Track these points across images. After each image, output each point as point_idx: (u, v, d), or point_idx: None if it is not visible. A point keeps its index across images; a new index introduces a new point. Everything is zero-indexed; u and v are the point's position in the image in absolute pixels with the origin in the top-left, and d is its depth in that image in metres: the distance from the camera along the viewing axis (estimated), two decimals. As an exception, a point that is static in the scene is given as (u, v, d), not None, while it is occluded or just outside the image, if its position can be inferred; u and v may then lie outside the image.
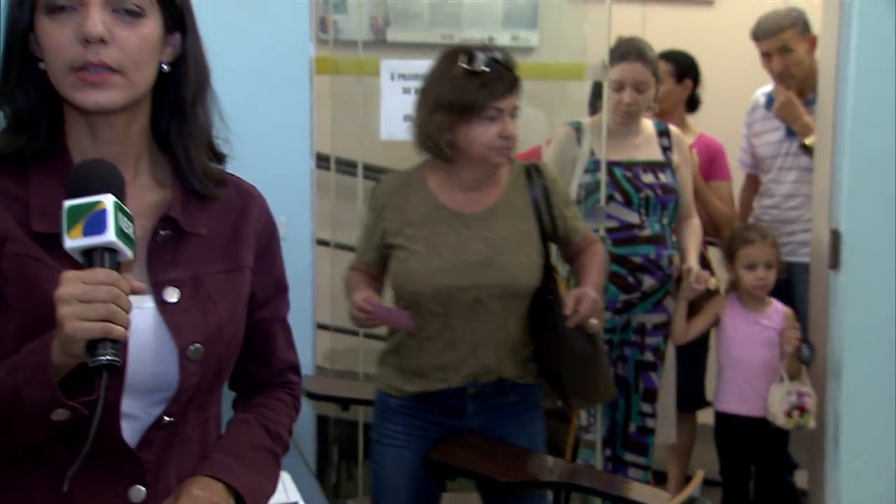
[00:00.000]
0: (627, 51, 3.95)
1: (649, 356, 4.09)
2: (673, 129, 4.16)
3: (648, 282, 3.99)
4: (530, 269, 2.95)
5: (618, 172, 3.98)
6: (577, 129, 4.07)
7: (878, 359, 3.86)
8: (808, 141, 4.31)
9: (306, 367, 3.75)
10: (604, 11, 4.29)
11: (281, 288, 1.80)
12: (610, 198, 3.94)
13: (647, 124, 4.11)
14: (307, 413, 3.78)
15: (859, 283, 3.85)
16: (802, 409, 3.92)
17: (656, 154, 4.06)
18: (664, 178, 4.01)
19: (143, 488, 1.57)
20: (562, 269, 3.24)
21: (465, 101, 2.82)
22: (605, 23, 4.24)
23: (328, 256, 4.58)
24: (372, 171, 5.09)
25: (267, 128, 3.43)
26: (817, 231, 4.04)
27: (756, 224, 4.45)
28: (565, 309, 2.86)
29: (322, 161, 4.18)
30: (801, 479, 4.51)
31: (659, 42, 4.34)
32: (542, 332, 3.01)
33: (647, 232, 3.95)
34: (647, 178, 3.99)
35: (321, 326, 4.31)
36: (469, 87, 2.81)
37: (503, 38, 5.36)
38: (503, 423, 3.03)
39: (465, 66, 2.82)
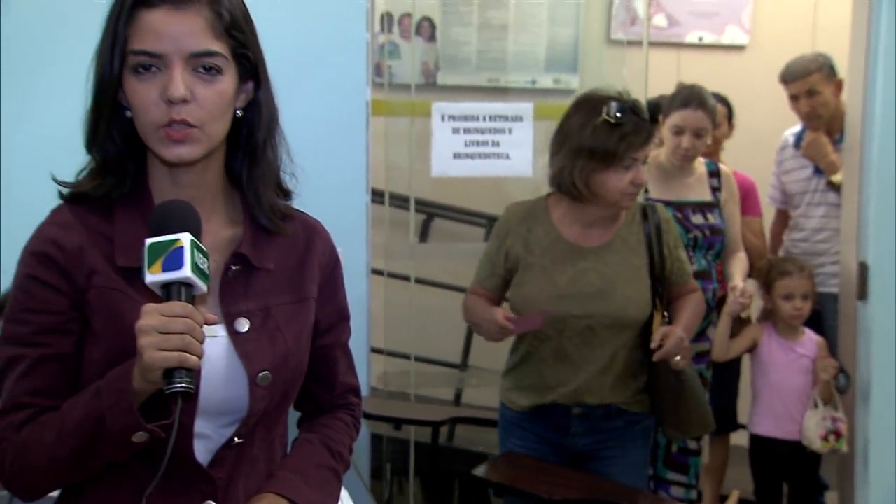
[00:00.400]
0: (690, 98, 3.88)
1: None
2: (723, 168, 4.11)
3: None
4: (640, 302, 2.99)
5: (668, 212, 3.93)
6: None
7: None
8: (834, 178, 4.28)
9: (361, 388, 3.76)
10: (641, 56, 4.30)
11: (343, 316, 1.81)
12: None
13: (699, 164, 4.05)
14: (362, 432, 3.74)
15: (886, 313, 3.80)
16: (838, 434, 3.86)
17: (706, 194, 4.00)
18: (712, 218, 3.97)
19: (213, 503, 1.58)
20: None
21: (605, 151, 2.85)
22: (642, 66, 4.25)
23: (382, 285, 4.57)
24: (423, 206, 5.12)
25: (327, 165, 3.44)
26: (845, 263, 4.01)
27: (794, 257, 4.39)
28: (651, 343, 2.90)
29: (377, 196, 4.19)
30: (831, 500, 4.45)
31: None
32: (648, 364, 3.05)
33: (693, 268, 3.80)
34: (697, 218, 3.94)
35: (375, 350, 4.29)
36: (610, 138, 2.85)
37: (545, 82, 5.36)
38: (608, 445, 3.06)
39: (607, 117, 2.85)
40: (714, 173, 4.05)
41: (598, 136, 2.86)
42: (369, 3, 3.71)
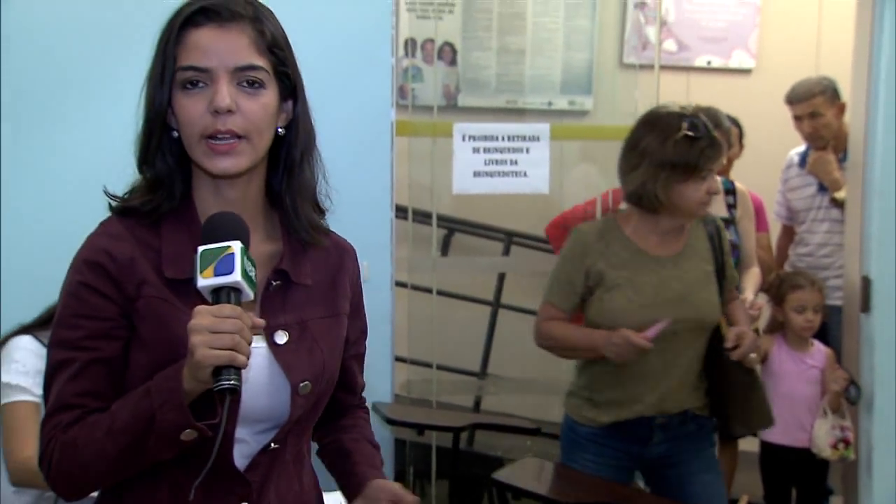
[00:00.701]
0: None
1: None
2: (739, 186, 4.04)
3: None
4: (715, 305, 3.02)
5: None
6: None
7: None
8: (838, 195, 4.25)
9: (386, 395, 3.78)
10: (652, 79, 4.29)
11: (364, 330, 1.84)
12: None
13: (716, 183, 4.00)
14: (386, 437, 3.77)
15: (888, 325, 3.78)
16: (846, 442, 3.82)
17: (722, 212, 3.88)
18: (727, 235, 3.87)
19: None
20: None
21: (686, 164, 2.87)
22: (653, 89, 4.24)
23: (405, 297, 4.58)
24: (444, 221, 5.12)
25: (353, 183, 3.40)
26: (849, 277, 3.99)
27: (804, 271, 4.33)
28: (727, 342, 2.91)
29: (401, 212, 4.19)
30: (835, 504, 4.43)
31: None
32: (708, 365, 3.05)
33: None
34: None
35: (399, 359, 4.30)
36: (691, 152, 2.88)
37: (561, 103, 5.36)
38: (681, 450, 3.05)
39: (687, 132, 2.87)
40: (730, 191, 3.97)
41: (679, 150, 2.87)
42: (394, 29, 3.74)
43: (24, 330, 2.80)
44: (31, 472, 2.58)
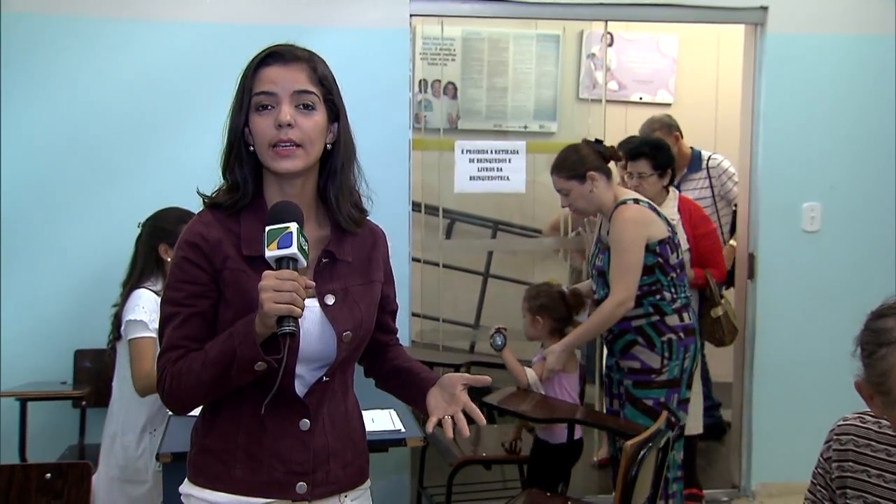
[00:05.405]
0: (552, 166, 3.16)
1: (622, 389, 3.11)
2: (619, 210, 3.05)
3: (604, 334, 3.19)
4: None
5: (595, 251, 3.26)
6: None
7: (778, 331, 3.88)
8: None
9: (404, 341, 3.68)
10: (601, 110, 4.31)
11: (395, 292, 1.79)
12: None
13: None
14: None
15: (766, 287, 3.86)
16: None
17: (605, 237, 3.13)
18: (602, 260, 3.13)
19: (307, 421, 1.59)
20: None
21: None
22: (601, 117, 4.25)
23: (419, 269, 4.52)
24: (448, 213, 5.11)
25: (381, 185, 3.33)
26: (740, 253, 4.01)
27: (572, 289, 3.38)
28: None
29: (416, 206, 4.16)
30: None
31: (636, 131, 4.29)
32: None
33: (595, 297, 3.20)
34: (599, 259, 3.14)
35: (414, 314, 4.25)
36: None
37: (533, 127, 5.35)
38: None
39: None
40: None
41: None
42: (411, 73, 3.73)
43: (135, 286, 2.85)
44: (151, 384, 2.66)
